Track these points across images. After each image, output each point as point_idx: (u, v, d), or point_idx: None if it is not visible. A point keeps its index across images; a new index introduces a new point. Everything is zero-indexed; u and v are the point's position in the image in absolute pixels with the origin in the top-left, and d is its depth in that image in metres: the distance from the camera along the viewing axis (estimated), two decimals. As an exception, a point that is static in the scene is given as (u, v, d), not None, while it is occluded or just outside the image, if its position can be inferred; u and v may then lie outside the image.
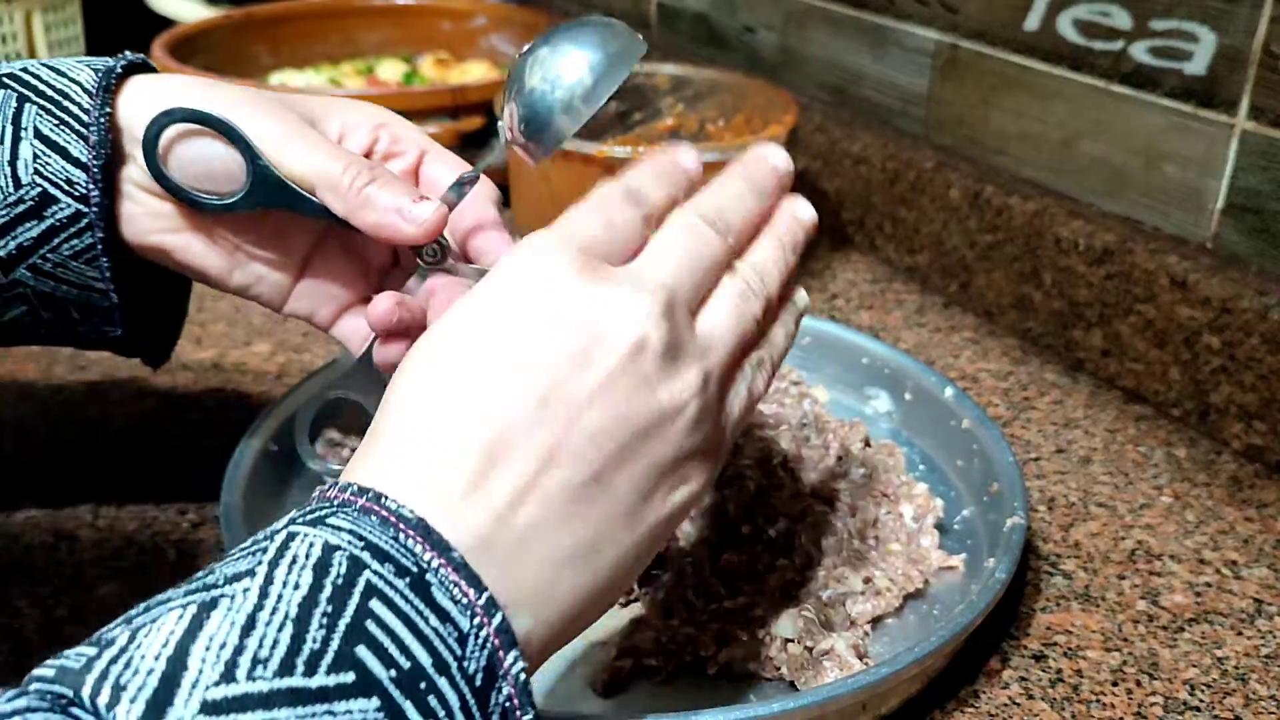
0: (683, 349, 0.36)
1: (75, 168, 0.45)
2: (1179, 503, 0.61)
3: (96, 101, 0.45)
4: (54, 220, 0.46)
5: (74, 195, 0.45)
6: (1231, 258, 0.66)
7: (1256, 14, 0.62)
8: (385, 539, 0.30)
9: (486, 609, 0.30)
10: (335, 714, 0.27)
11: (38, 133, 0.45)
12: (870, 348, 0.66)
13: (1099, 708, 0.47)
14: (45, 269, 0.46)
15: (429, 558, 0.30)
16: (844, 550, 0.52)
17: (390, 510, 0.31)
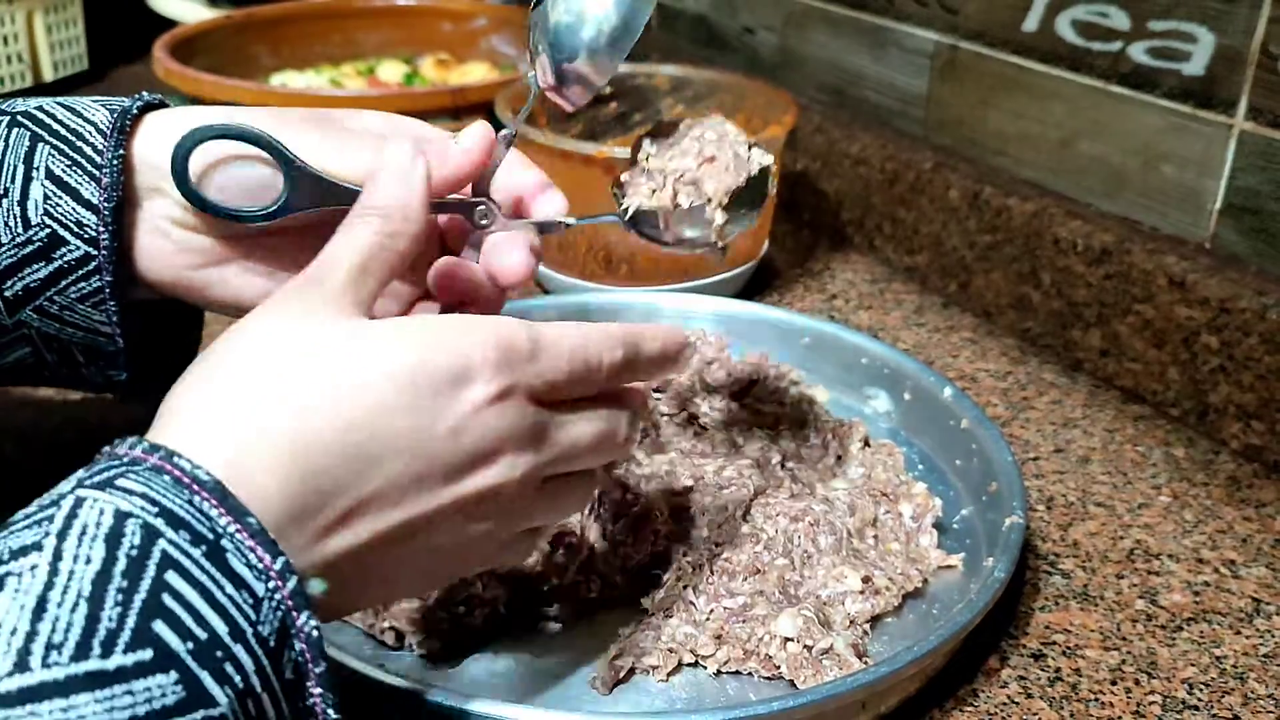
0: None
1: (86, 209, 0.44)
2: (1177, 502, 0.61)
3: (110, 142, 0.44)
4: (62, 262, 0.45)
5: (83, 237, 0.44)
6: (1230, 258, 0.66)
7: (1255, 15, 0.62)
8: (180, 503, 0.30)
9: (282, 574, 0.30)
10: (134, 693, 0.27)
11: (49, 173, 0.44)
12: (869, 348, 0.66)
13: (1097, 706, 0.47)
14: (51, 311, 0.46)
15: (225, 523, 0.30)
16: (843, 549, 0.52)
17: (184, 470, 0.30)
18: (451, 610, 0.48)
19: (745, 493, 0.54)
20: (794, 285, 0.84)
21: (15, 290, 0.45)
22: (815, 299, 0.82)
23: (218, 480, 0.30)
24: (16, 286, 0.45)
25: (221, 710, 0.28)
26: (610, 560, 0.51)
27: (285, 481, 0.32)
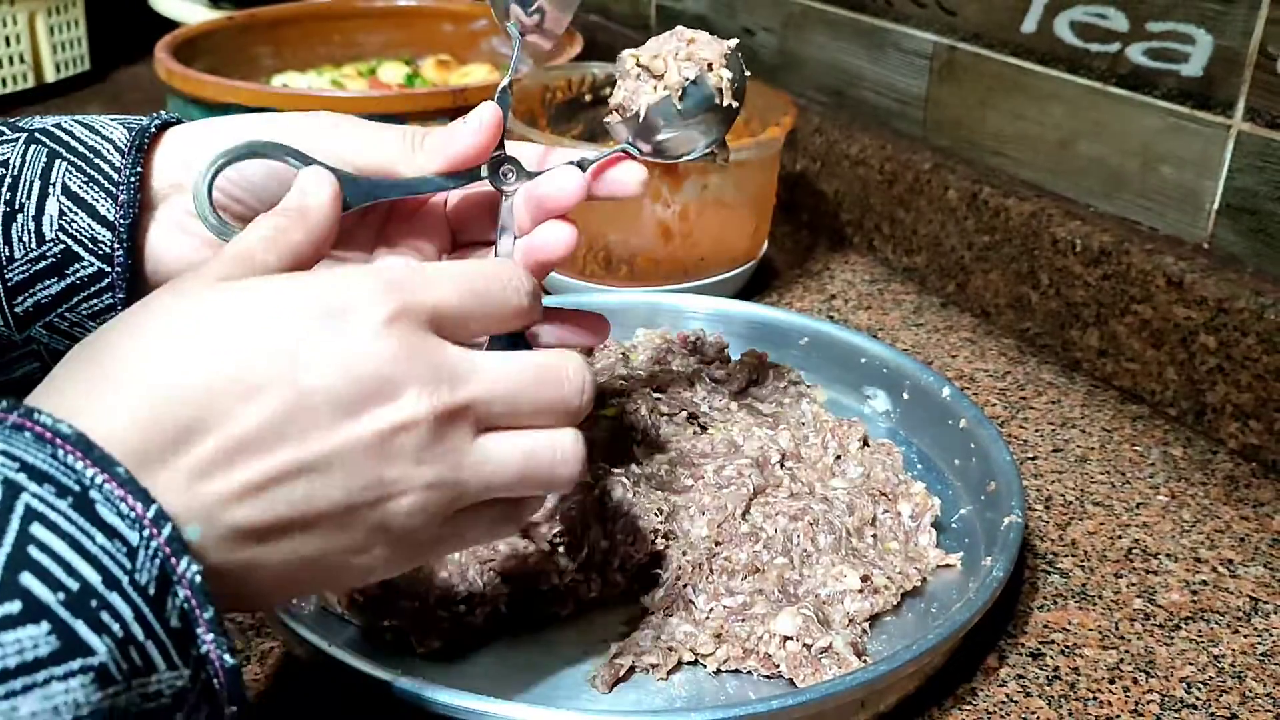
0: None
1: (101, 226, 0.44)
2: (1175, 501, 0.61)
3: (128, 160, 0.45)
4: (75, 279, 0.45)
5: (97, 254, 0.45)
6: (1228, 258, 0.67)
7: (1253, 16, 0.62)
8: (42, 457, 0.29)
9: (156, 521, 0.30)
10: (4, 645, 0.26)
11: (65, 189, 0.45)
12: (868, 348, 0.67)
13: (1096, 705, 0.48)
14: (61, 328, 0.46)
15: (92, 474, 0.29)
16: (842, 548, 0.52)
17: (45, 426, 0.30)
18: (452, 609, 0.48)
19: (745, 492, 0.54)
20: (793, 285, 0.84)
21: (26, 306, 0.45)
22: (814, 299, 0.83)
23: (79, 432, 0.30)
24: (28, 303, 0.45)
25: (101, 659, 0.28)
26: (610, 560, 0.51)
27: (146, 425, 0.31)
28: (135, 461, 0.30)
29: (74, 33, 1.21)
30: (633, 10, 1.16)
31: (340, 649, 0.43)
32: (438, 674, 0.47)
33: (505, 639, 0.49)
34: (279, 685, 0.47)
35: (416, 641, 0.48)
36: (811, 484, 0.57)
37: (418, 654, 0.48)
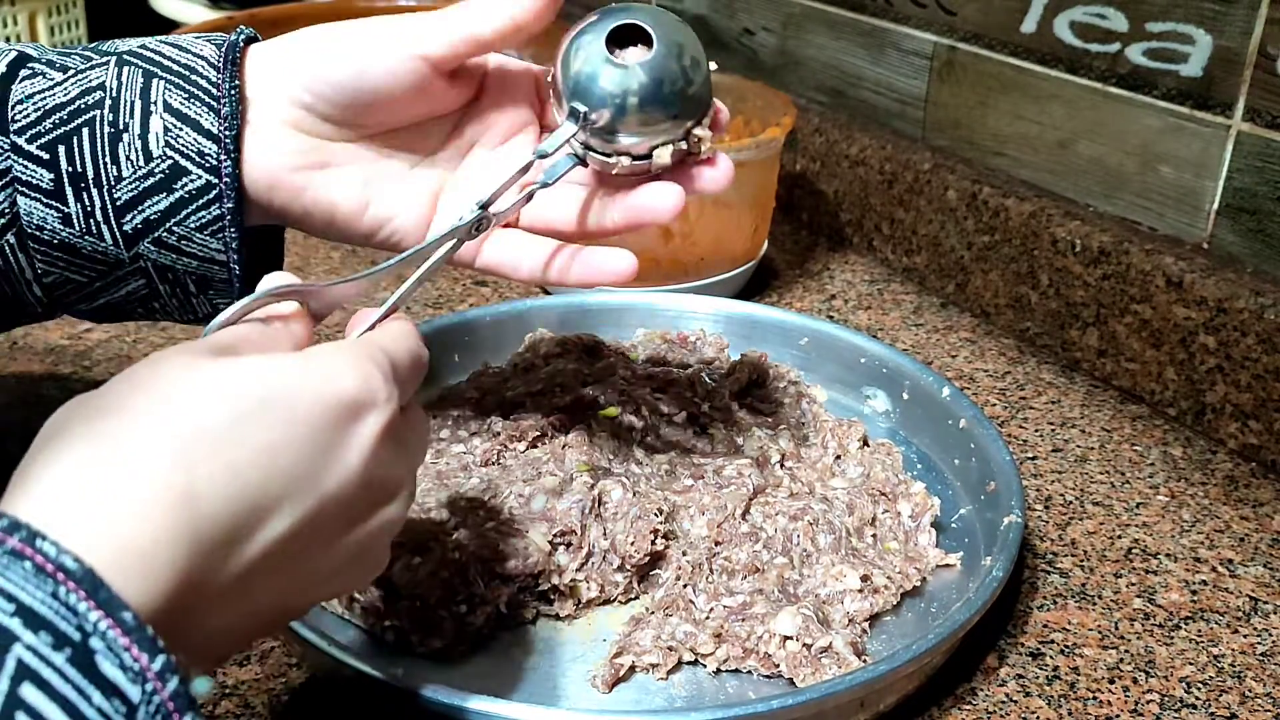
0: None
1: (207, 139, 0.45)
2: (1175, 501, 0.61)
3: (225, 74, 0.46)
4: (183, 192, 0.46)
5: (205, 166, 0.45)
6: (1227, 258, 0.67)
7: (1252, 16, 0.62)
8: (41, 597, 0.25)
9: (162, 675, 0.27)
10: None
11: (168, 106, 0.45)
12: (868, 347, 0.67)
13: (1095, 705, 0.48)
14: (170, 242, 0.46)
15: (95, 618, 0.26)
16: (842, 548, 0.52)
17: (48, 556, 0.26)
18: (452, 610, 0.48)
19: (745, 492, 0.54)
20: (793, 285, 0.84)
21: (135, 223, 0.46)
22: (814, 299, 0.83)
23: (88, 568, 0.26)
24: (137, 219, 0.46)
25: None
26: (610, 560, 0.51)
27: (174, 547, 0.28)
28: (155, 597, 0.27)
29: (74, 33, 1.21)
30: (632, 10, 1.16)
31: (340, 649, 0.43)
32: (438, 674, 0.47)
33: (505, 639, 0.49)
34: (279, 686, 0.47)
35: (416, 641, 0.48)
36: (811, 484, 0.57)
37: (418, 654, 0.48)
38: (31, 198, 0.45)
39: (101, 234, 0.46)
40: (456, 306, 0.79)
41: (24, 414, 0.66)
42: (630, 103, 0.45)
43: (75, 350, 0.72)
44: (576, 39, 0.46)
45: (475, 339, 0.68)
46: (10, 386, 0.68)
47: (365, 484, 0.33)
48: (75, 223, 0.46)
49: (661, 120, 0.45)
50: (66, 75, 0.46)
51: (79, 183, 0.45)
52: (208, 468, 0.29)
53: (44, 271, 0.47)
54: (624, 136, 0.45)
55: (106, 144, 0.45)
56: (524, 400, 0.60)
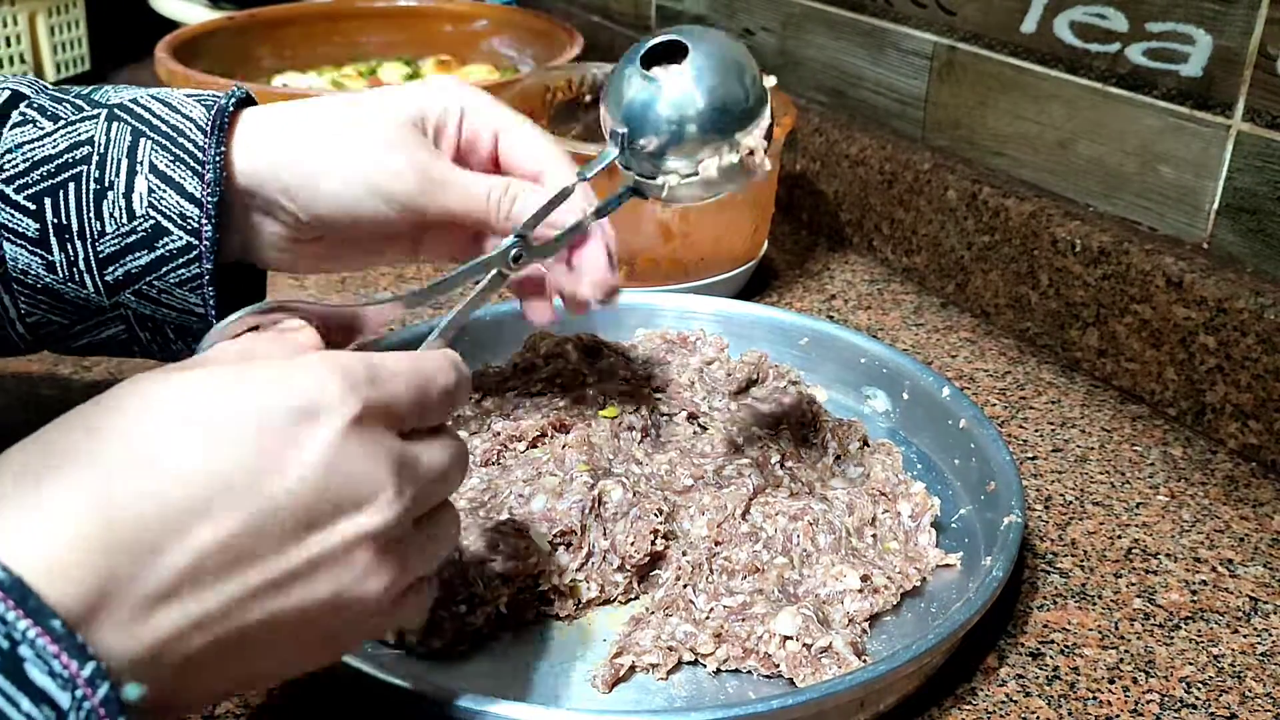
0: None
1: (189, 203, 0.47)
2: (1175, 501, 0.61)
3: (212, 140, 0.47)
4: (164, 250, 0.47)
5: (186, 229, 0.47)
6: (1227, 258, 0.67)
7: (1252, 16, 0.62)
8: None
9: (91, 680, 0.27)
10: None
11: (153, 167, 0.47)
12: (868, 347, 0.67)
13: (1095, 705, 0.48)
14: (150, 294, 0.48)
15: (24, 626, 0.26)
16: (842, 548, 0.52)
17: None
18: (452, 610, 0.48)
19: (745, 492, 0.54)
20: (793, 285, 0.84)
21: (116, 275, 0.47)
22: (814, 299, 0.83)
23: (16, 577, 0.26)
24: (118, 272, 0.47)
25: None
26: (610, 560, 0.51)
27: (90, 554, 0.28)
28: (78, 602, 0.27)
29: (74, 33, 1.21)
30: (634, 10, 1.16)
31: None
32: (438, 674, 0.47)
33: (505, 639, 0.49)
34: (279, 686, 0.47)
35: (416, 641, 0.48)
36: (811, 484, 0.57)
37: (418, 654, 0.48)
38: (17, 244, 0.47)
39: (84, 282, 0.48)
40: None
41: (23, 415, 0.66)
42: (665, 116, 0.45)
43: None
44: (618, 65, 0.46)
45: (475, 339, 0.68)
46: (9, 388, 0.68)
47: (318, 488, 0.32)
48: (59, 270, 0.47)
49: (701, 132, 0.45)
50: (57, 126, 0.47)
51: (63, 234, 0.47)
52: (126, 477, 0.29)
53: (27, 312, 0.49)
54: (668, 154, 0.45)
55: (91, 199, 0.46)
56: (524, 400, 0.60)
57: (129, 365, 0.70)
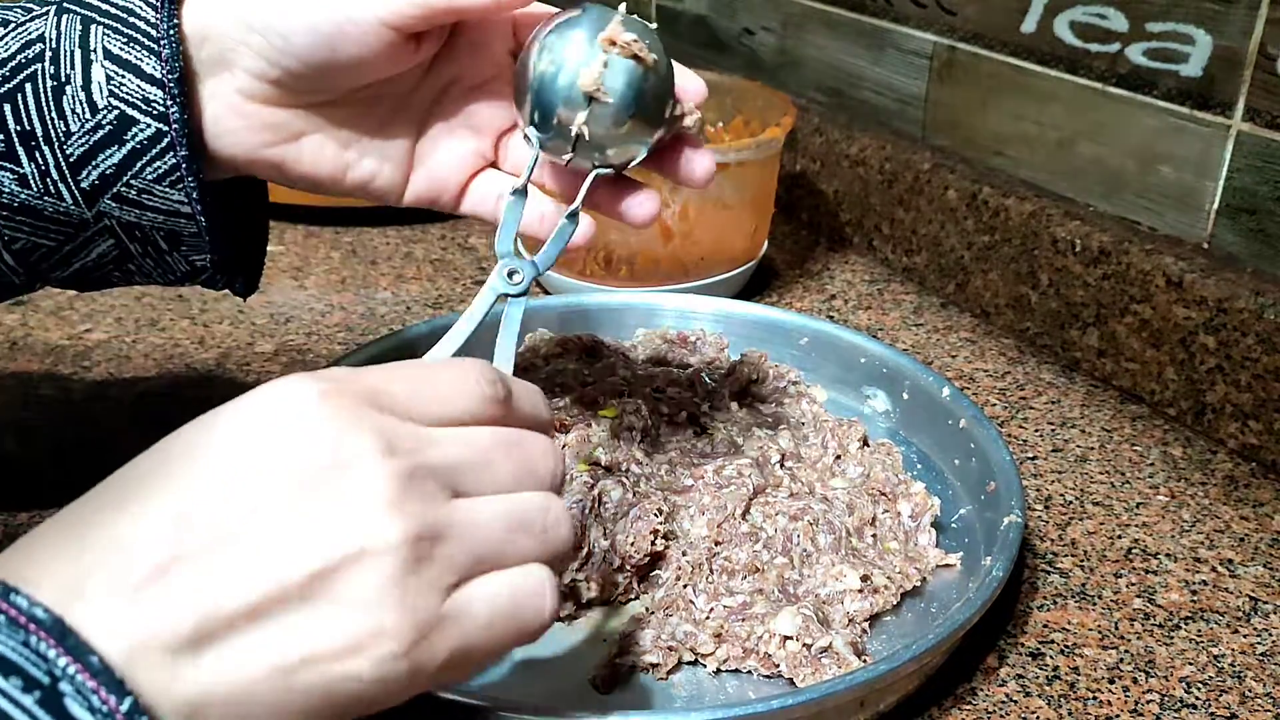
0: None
1: (151, 85, 0.43)
2: (1175, 501, 0.61)
3: (163, 14, 0.44)
4: (135, 143, 0.44)
5: (152, 114, 0.44)
6: (1227, 258, 0.67)
7: (1252, 16, 0.62)
8: (13, 645, 0.27)
9: (130, 715, 0.27)
10: None
11: (108, 53, 0.44)
12: (868, 347, 0.67)
13: (1096, 705, 0.48)
14: (130, 197, 0.45)
15: (64, 663, 0.27)
16: (842, 548, 0.52)
17: (20, 609, 0.27)
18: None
19: (745, 492, 0.54)
20: (793, 285, 0.84)
21: (92, 179, 0.45)
22: (814, 299, 0.83)
23: (56, 616, 0.27)
24: (93, 175, 0.44)
25: None
26: (610, 560, 0.51)
27: (135, 600, 0.28)
28: (119, 643, 0.28)
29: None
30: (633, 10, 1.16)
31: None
32: (438, 674, 0.47)
33: (505, 639, 0.49)
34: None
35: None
36: (811, 484, 0.57)
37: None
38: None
39: (60, 194, 0.45)
40: (457, 306, 0.79)
41: (23, 414, 0.66)
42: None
43: (75, 351, 0.72)
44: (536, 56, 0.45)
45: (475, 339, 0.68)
46: (9, 386, 0.68)
47: (302, 460, 0.31)
48: (32, 183, 0.44)
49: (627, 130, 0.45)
50: (7, 30, 0.44)
51: (29, 141, 0.44)
52: (166, 502, 0.29)
53: (10, 238, 0.46)
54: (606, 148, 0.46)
55: (51, 98, 0.44)
56: (524, 400, 0.60)
57: (129, 365, 0.70)
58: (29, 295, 0.69)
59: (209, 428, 0.32)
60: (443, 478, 0.33)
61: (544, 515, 0.35)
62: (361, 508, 0.31)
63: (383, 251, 0.88)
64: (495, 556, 0.34)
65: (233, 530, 0.29)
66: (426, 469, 0.32)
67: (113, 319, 0.76)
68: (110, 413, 0.66)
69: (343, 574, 0.30)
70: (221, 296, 0.79)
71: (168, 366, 0.54)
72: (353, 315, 0.78)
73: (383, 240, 0.90)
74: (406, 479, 0.32)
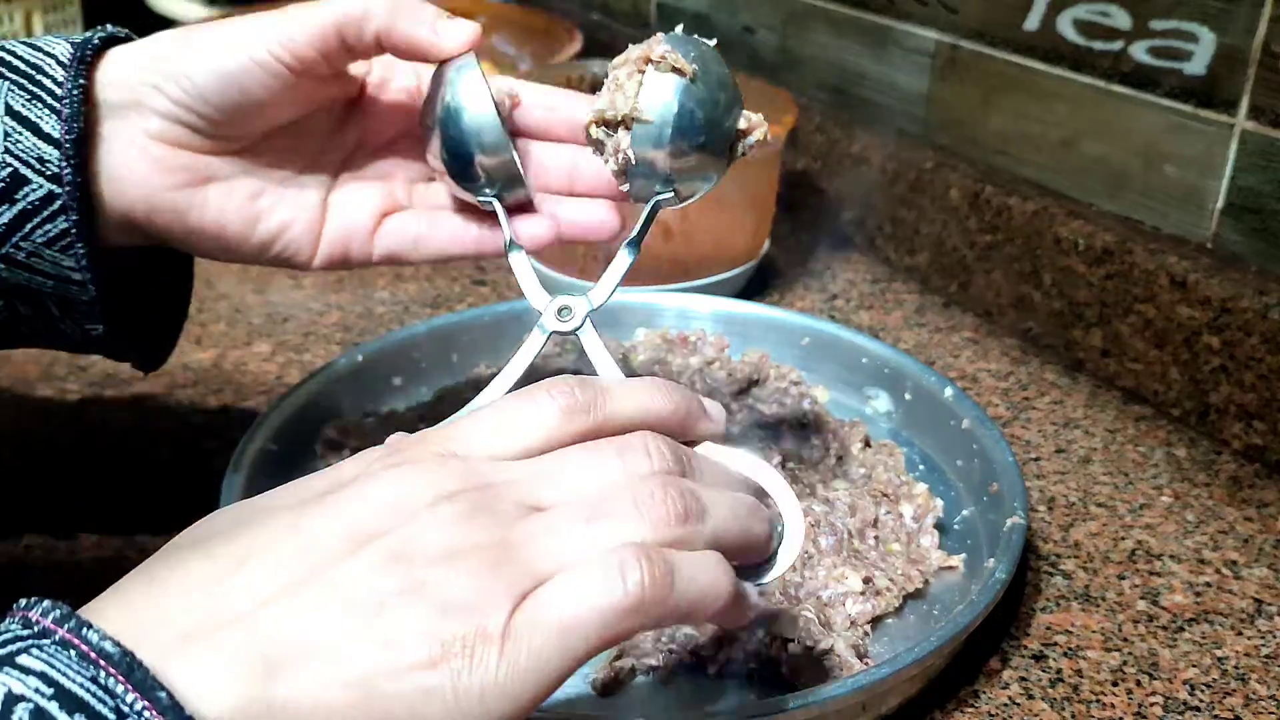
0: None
1: (47, 144, 0.42)
2: (1179, 502, 0.61)
3: (70, 73, 0.43)
4: (25, 204, 0.43)
5: (46, 175, 0.42)
6: (1231, 257, 0.66)
7: (1256, 14, 0.62)
8: (82, 681, 0.26)
9: None
10: None
11: (9, 109, 0.42)
12: (870, 348, 0.66)
13: (1099, 708, 0.47)
14: (19, 259, 0.44)
15: (132, 700, 0.26)
16: (844, 550, 0.52)
17: (91, 644, 0.27)
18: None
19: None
20: (794, 285, 0.84)
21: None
22: (816, 299, 0.82)
23: (126, 651, 0.27)
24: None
25: None
26: (610, 561, 0.50)
27: (208, 635, 0.28)
28: (186, 673, 0.27)
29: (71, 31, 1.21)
30: (633, 8, 1.16)
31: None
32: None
33: (504, 641, 0.49)
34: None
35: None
36: (813, 485, 0.56)
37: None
38: None
39: None
40: (455, 306, 0.79)
41: (19, 420, 0.66)
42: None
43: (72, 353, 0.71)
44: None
45: (474, 339, 0.68)
46: (4, 387, 0.68)
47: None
48: None
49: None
50: None
51: None
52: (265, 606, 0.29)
53: None
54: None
55: None
56: (523, 400, 0.60)
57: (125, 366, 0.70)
58: None
59: (287, 486, 0.33)
60: (514, 498, 0.32)
61: (641, 493, 0.33)
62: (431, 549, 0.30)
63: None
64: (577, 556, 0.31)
65: (303, 578, 0.29)
66: (493, 495, 0.32)
67: (110, 318, 0.76)
68: (106, 413, 0.66)
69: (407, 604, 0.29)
70: (220, 296, 0.79)
71: (165, 366, 0.54)
72: (350, 315, 0.78)
73: (382, 239, 0.89)
74: (476, 510, 0.31)
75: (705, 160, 0.44)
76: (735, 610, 0.34)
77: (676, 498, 0.33)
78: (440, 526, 0.31)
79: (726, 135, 0.44)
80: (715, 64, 0.43)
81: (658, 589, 0.31)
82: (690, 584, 0.31)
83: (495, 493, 0.32)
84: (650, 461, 0.34)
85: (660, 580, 0.31)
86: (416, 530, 0.30)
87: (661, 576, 0.31)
